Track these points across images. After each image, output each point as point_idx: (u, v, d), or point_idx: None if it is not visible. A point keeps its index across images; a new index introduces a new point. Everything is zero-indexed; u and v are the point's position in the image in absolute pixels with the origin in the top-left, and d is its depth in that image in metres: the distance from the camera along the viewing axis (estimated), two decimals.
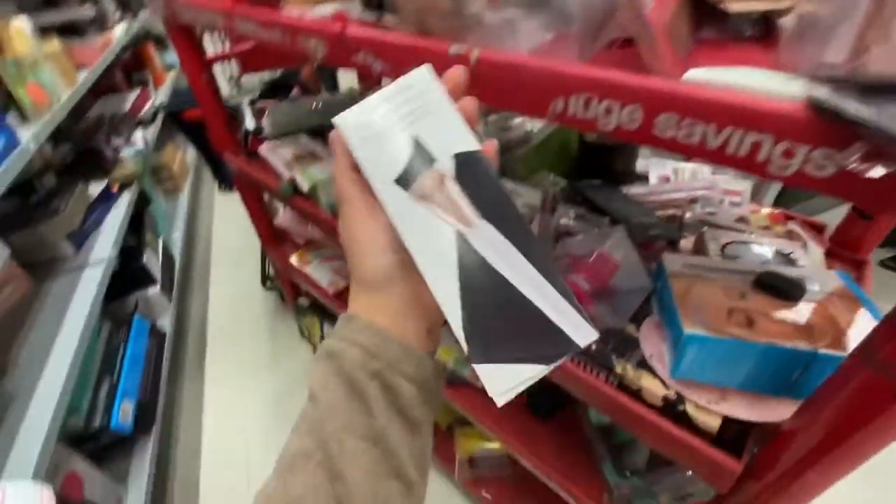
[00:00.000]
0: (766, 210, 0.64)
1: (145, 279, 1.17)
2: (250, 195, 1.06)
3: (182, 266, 1.52)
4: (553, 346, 0.21)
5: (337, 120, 0.24)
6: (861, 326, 0.37)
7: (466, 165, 0.24)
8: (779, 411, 0.39)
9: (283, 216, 1.18)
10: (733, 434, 0.41)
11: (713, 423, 0.39)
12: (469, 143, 0.24)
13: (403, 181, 0.23)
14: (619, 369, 0.44)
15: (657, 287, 0.47)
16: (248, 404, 1.31)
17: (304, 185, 0.71)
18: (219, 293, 1.70)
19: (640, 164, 0.76)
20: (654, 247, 0.56)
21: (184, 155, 2.06)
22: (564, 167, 0.69)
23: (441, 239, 0.23)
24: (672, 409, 0.41)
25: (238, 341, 1.50)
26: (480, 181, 0.24)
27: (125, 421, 0.87)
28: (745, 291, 0.42)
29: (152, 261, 1.22)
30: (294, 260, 1.06)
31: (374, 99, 0.24)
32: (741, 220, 0.61)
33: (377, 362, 0.23)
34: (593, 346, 0.46)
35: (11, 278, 0.85)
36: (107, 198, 1.11)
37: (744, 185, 0.70)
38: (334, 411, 0.23)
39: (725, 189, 0.68)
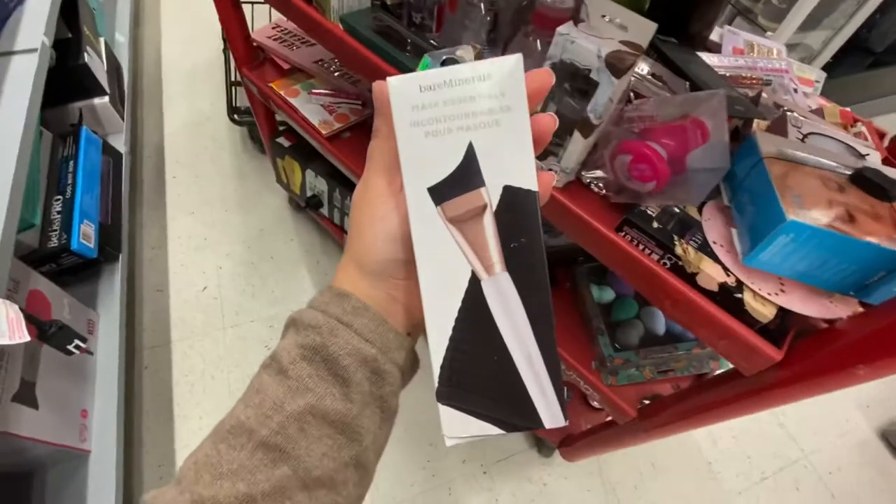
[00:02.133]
0: (833, 105, 0.59)
1: (90, 85, 0.97)
2: None
3: (131, 79, 1.29)
4: (519, 417, 0.21)
5: (392, 83, 0.20)
6: None
7: (513, 204, 0.20)
8: (836, 309, 0.38)
9: (261, 30, 0.98)
10: (776, 325, 0.41)
11: (767, 313, 0.39)
12: (528, 177, 0.20)
13: (438, 193, 0.20)
14: (679, 251, 0.41)
15: (736, 169, 0.43)
16: (217, 243, 1.24)
17: None
18: (175, 122, 1.49)
19: (713, 32, 0.65)
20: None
21: None
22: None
23: (454, 273, 0.21)
24: (727, 296, 0.40)
25: (202, 179, 1.36)
26: (521, 227, 0.20)
27: (87, 243, 0.79)
28: (843, 185, 0.38)
29: (96, 64, 1.01)
30: (278, 87, 0.90)
31: (443, 74, 0.20)
32: (816, 111, 0.55)
33: (371, 348, 0.22)
34: (655, 224, 0.43)
35: None
36: None
37: (818, 75, 0.63)
38: (303, 391, 0.21)
39: (799, 76, 0.61)
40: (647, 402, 0.64)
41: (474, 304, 0.21)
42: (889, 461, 1.08)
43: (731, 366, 0.54)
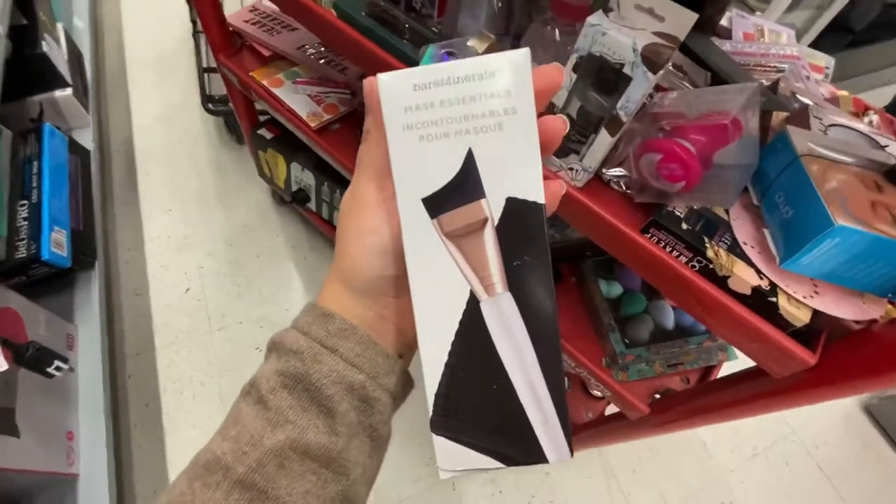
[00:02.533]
0: (847, 93, 0.58)
1: (50, 76, 0.89)
2: None
3: (93, 68, 1.19)
4: (520, 451, 0.20)
5: (382, 80, 0.18)
6: None
7: (517, 217, 0.19)
8: (868, 310, 0.38)
9: (237, 14, 0.91)
10: (807, 327, 0.40)
11: (802, 317, 0.38)
12: (533, 188, 0.18)
13: (434, 205, 0.19)
14: (710, 253, 0.40)
15: (765, 165, 0.41)
16: (198, 241, 1.18)
17: None
18: (144, 113, 1.40)
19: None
20: None
21: None
22: None
23: (450, 293, 0.19)
24: (761, 299, 0.39)
25: (177, 174, 1.29)
26: (525, 244, 0.19)
27: (59, 251, 0.73)
28: (880, 183, 0.37)
29: (55, 53, 0.92)
30: (260, 77, 0.84)
31: (440, 70, 0.18)
32: (830, 99, 0.54)
33: (359, 374, 0.20)
34: (684, 226, 0.41)
35: None
36: None
37: (827, 61, 0.61)
38: (283, 423, 0.19)
39: (810, 63, 0.59)
40: (657, 396, 0.64)
41: (472, 327, 0.19)
42: (873, 433, 1.12)
43: (739, 356, 0.54)
